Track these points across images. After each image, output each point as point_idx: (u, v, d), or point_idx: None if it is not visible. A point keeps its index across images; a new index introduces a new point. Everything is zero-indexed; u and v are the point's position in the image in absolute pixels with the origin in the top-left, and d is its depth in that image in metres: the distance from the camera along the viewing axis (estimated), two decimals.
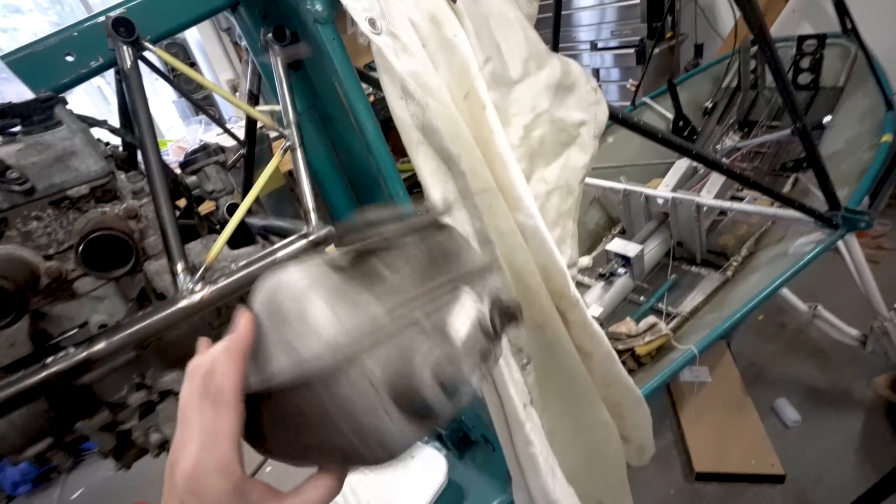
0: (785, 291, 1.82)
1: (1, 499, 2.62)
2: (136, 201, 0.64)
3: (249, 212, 0.84)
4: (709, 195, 1.97)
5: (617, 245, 1.91)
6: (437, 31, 0.73)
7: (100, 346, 0.55)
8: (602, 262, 2.01)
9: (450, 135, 0.71)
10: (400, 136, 0.73)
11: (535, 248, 0.90)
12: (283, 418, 0.36)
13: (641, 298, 1.93)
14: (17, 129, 0.60)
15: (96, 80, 3.66)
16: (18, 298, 0.46)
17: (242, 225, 0.84)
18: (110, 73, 0.71)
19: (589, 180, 2.31)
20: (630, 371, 1.42)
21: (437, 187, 0.78)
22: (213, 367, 0.36)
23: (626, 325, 1.76)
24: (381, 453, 0.35)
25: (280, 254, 0.66)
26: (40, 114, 0.57)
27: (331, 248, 0.56)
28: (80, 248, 0.48)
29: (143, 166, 0.68)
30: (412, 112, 0.69)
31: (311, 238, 0.68)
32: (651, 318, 1.71)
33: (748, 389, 2.04)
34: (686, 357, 1.39)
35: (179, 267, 0.60)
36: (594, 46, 3.82)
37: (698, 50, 3.69)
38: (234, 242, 0.86)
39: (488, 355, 0.38)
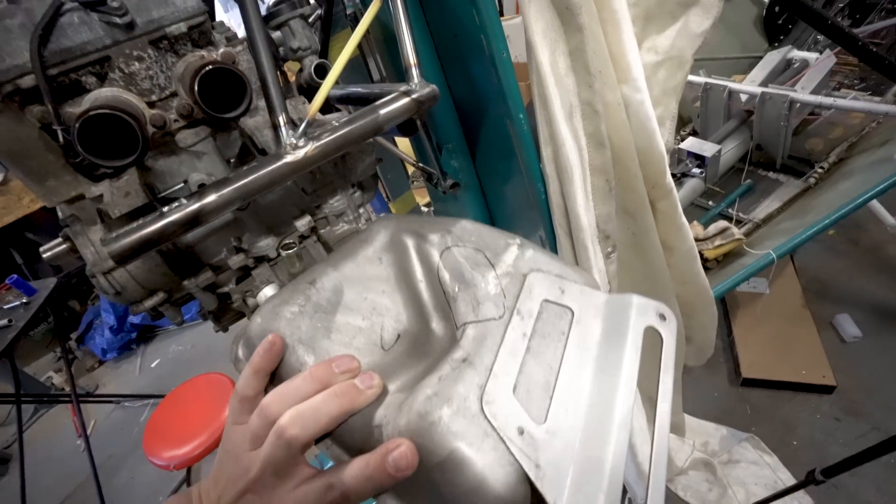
0: (874, 203, 1.69)
1: (94, 362, 2.96)
2: (232, 48, 0.58)
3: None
4: (804, 91, 1.76)
5: (692, 143, 1.76)
6: None
7: (210, 198, 0.54)
8: (672, 163, 1.87)
9: None
10: None
11: (636, 126, 0.82)
12: None
13: (710, 203, 1.83)
14: None
15: None
16: (141, 134, 0.43)
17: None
18: None
19: None
20: None
21: (545, 49, 0.69)
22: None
23: (694, 229, 1.68)
24: None
25: (383, 112, 0.61)
26: None
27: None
28: (196, 82, 0.44)
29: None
30: None
31: (414, 96, 0.63)
32: (722, 223, 1.62)
33: (808, 304, 1.99)
34: (762, 261, 1.33)
35: (282, 119, 0.56)
36: None
37: None
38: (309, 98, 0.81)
39: None
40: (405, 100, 0.62)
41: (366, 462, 0.37)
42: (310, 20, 0.81)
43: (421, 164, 1.00)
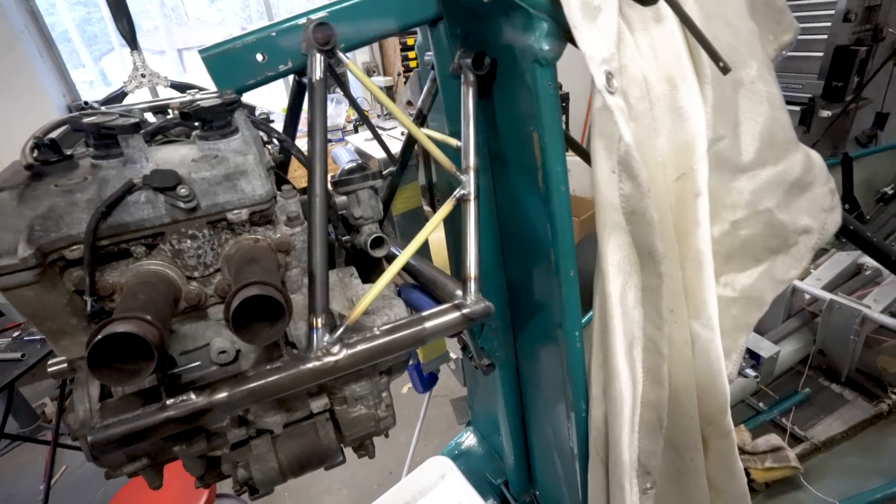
0: None
1: None
2: (289, 229, 0.56)
3: (381, 228, 0.75)
4: (877, 305, 1.64)
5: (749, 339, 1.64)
6: (671, 94, 0.59)
7: (221, 395, 0.49)
8: None
9: (661, 228, 0.57)
10: (595, 211, 0.60)
11: (700, 363, 0.74)
12: None
13: (761, 405, 1.66)
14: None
15: None
16: (159, 352, 0.39)
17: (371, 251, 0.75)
18: None
19: None
20: None
21: (617, 281, 0.64)
22: None
23: (740, 435, 1.51)
24: None
25: (429, 324, 0.56)
26: (221, 119, 0.51)
27: None
28: (233, 306, 0.41)
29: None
30: (624, 193, 0.56)
31: (465, 311, 0.58)
32: (774, 438, 1.44)
33: None
34: None
35: (320, 321, 0.52)
36: None
37: (881, 120, 3.17)
38: (362, 270, 0.78)
39: None
40: (455, 314, 0.57)
41: None
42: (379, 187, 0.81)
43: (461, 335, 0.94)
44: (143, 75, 1.97)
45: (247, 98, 0.67)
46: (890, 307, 1.72)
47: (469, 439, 1.44)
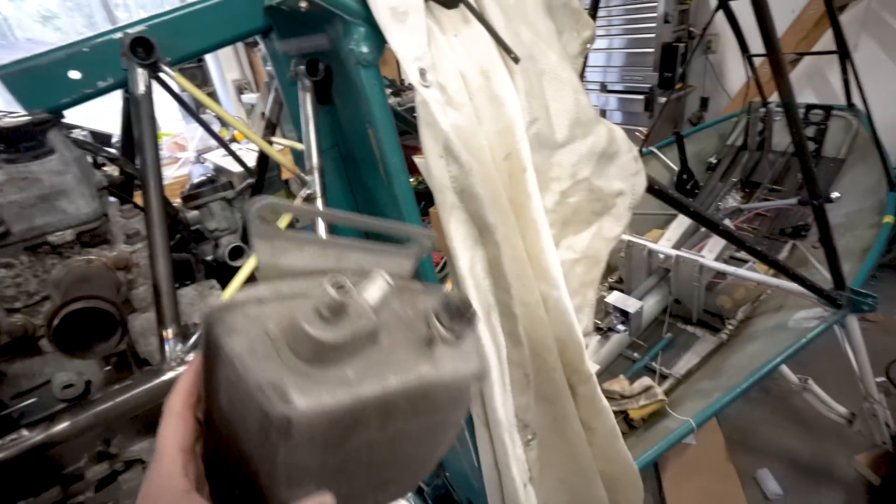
0: None
1: None
2: (129, 247, 0.55)
3: (245, 242, 0.76)
4: (710, 255, 1.95)
5: (617, 299, 1.86)
6: (486, 84, 0.67)
7: (62, 426, 0.46)
8: (599, 315, 1.96)
9: (490, 202, 0.65)
10: (433, 195, 0.66)
11: (554, 319, 0.84)
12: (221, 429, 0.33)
13: (635, 355, 1.89)
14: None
15: None
16: None
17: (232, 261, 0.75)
18: None
19: None
20: (622, 434, 1.37)
21: (464, 255, 0.71)
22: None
23: (620, 384, 1.70)
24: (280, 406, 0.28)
25: None
26: (30, 140, 0.49)
27: None
28: (54, 323, 0.39)
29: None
30: (453, 174, 0.63)
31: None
32: (646, 380, 1.66)
33: (732, 457, 2.01)
34: (683, 430, 1.34)
35: (170, 332, 0.51)
36: (604, 88, 3.86)
37: (704, 103, 3.75)
38: (222, 280, 0.77)
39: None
40: None
41: None
42: (237, 190, 0.81)
43: None
44: None
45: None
46: (721, 255, 2.06)
47: None
